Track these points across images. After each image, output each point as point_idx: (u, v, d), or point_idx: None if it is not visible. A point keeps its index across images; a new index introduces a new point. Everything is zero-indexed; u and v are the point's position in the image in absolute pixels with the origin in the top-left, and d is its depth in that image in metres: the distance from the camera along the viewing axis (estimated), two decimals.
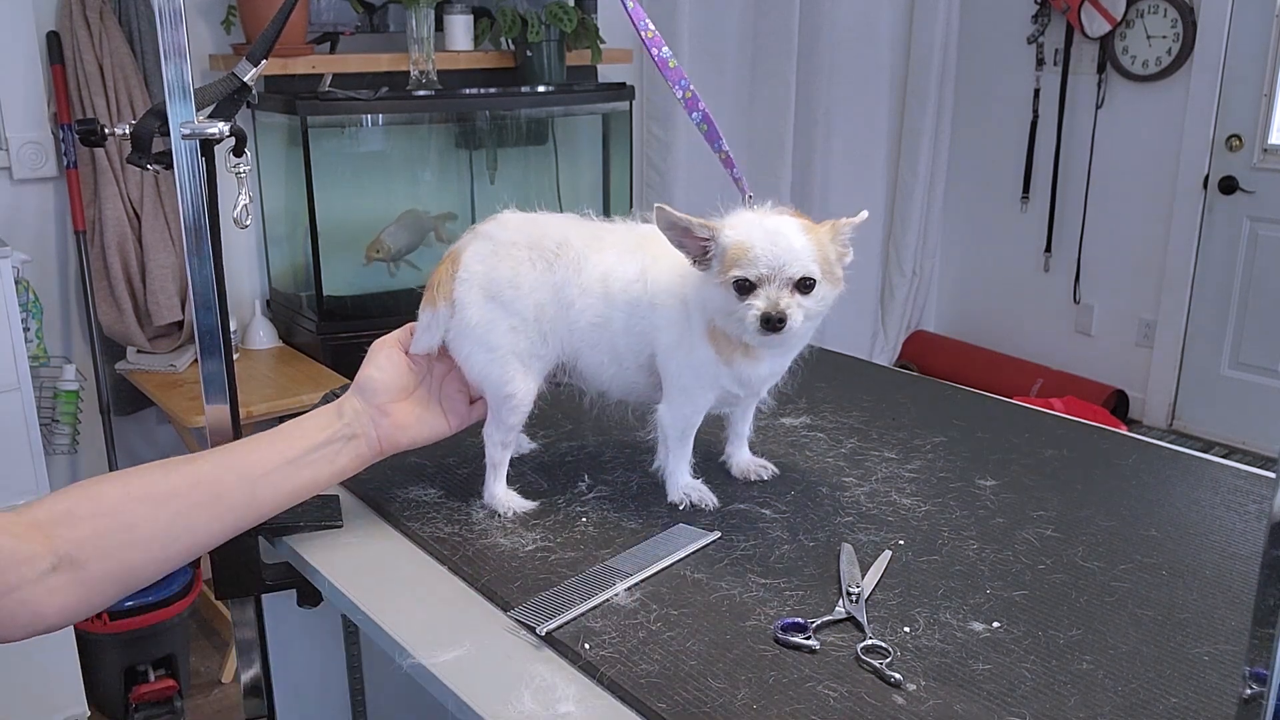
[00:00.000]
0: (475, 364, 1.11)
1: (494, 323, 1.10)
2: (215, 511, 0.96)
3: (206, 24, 2.79)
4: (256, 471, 0.99)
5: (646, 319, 1.11)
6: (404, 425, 1.09)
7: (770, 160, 4.05)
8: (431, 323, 1.11)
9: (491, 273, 1.10)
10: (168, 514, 0.93)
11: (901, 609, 0.95)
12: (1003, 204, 4.65)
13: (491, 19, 3.07)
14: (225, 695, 2.68)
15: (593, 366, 1.14)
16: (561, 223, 1.15)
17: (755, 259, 1.01)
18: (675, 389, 1.13)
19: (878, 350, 4.70)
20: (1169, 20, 3.98)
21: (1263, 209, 3.93)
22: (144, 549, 0.91)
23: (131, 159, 1.05)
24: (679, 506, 1.15)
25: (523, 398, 1.12)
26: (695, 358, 1.10)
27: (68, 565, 0.87)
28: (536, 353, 1.11)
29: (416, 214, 2.98)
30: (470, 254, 1.11)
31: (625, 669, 0.86)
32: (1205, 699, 0.83)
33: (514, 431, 1.14)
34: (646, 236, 1.13)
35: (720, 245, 1.03)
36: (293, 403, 2.47)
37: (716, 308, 1.05)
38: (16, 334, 2.21)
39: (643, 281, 1.11)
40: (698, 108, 1.15)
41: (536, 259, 1.11)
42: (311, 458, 1.02)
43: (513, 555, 1.06)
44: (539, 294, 1.10)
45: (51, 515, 0.88)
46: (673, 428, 1.15)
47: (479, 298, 1.10)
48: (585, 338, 1.12)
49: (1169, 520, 1.13)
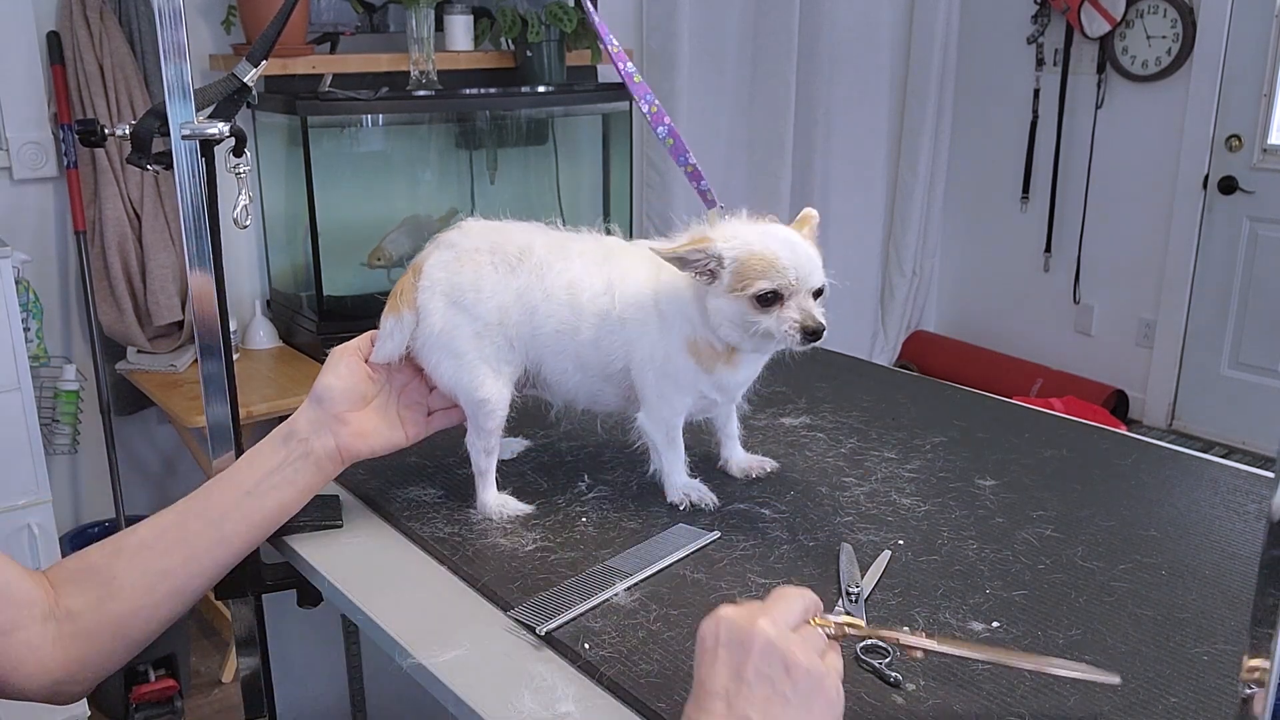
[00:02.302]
0: (445, 371, 1.10)
1: (457, 328, 1.09)
2: (186, 555, 0.98)
3: (206, 24, 2.79)
4: (217, 512, 1.01)
5: (616, 334, 1.11)
6: (362, 434, 1.08)
7: (770, 160, 4.05)
8: (394, 330, 1.10)
9: (454, 278, 1.09)
10: (140, 564, 0.96)
11: (901, 609, 0.95)
12: (1002, 204, 4.65)
13: (491, 19, 3.07)
14: (225, 695, 2.68)
15: (556, 374, 1.14)
16: (525, 230, 1.15)
17: (783, 270, 1.01)
18: (652, 396, 1.13)
19: (878, 350, 4.70)
20: (1169, 20, 3.98)
21: (1263, 209, 3.93)
22: (127, 599, 0.95)
23: (131, 159, 1.05)
24: (679, 507, 1.15)
25: (496, 402, 1.11)
26: (673, 367, 1.10)
27: (65, 616, 0.93)
28: (504, 358, 1.11)
29: (418, 219, 2.98)
30: (433, 262, 1.11)
31: (625, 669, 0.87)
32: (1204, 699, 0.83)
33: (494, 436, 1.13)
34: (613, 250, 1.13)
35: (729, 258, 1.02)
36: (293, 403, 2.46)
37: (726, 319, 1.04)
38: (16, 334, 2.21)
39: (610, 295, 1.10)
40: (663, 122, 1.15)
41: (499, 263, 1.10)
42: (271, 483, 1.02)
43: (513, 555, 1.06)
44: (501, 297, 1.09)
45: (53, 571, 0.96)
46: (656, 433, 1.15)
47: (442, 304, 1.09)
48: (549, 344, 1.12)
49: (1169, 520, 1.13)
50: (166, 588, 0.97)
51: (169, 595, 0.97)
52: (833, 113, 4.26)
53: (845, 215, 4.38)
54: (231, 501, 1.01)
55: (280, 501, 1.03)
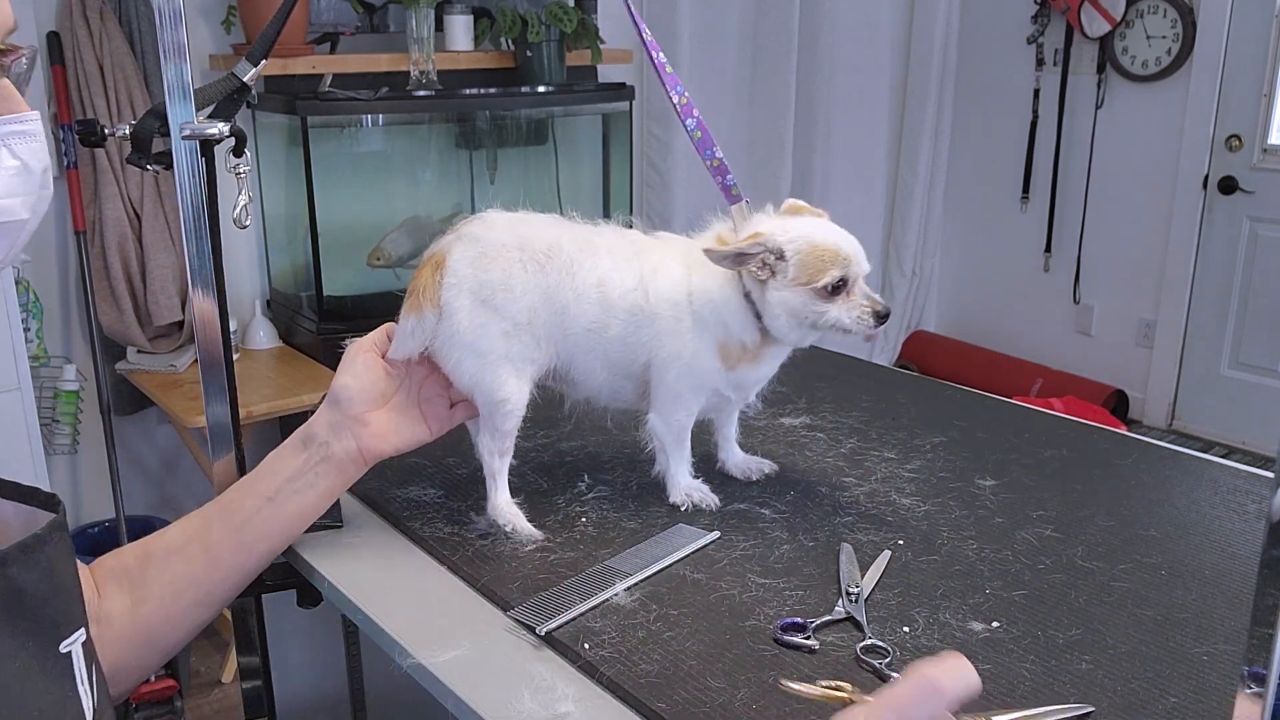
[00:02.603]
0: (465, 371, 1.06)
1: (485, 327, 1.05)
2: (209, 562, 0.97)
3: (206, 24, 2.79)
4: (237, 518, 0.99)
5: (646, 328, 1.09)
6: (383, 434, 1.04)
7: (770, 160, 4.05)
8: (416, 329, 1.06)
9: (482, 275, 1.06)
10: (168, 571, 0.95)
11: (901, 609, 0.95)
12: (1002, 204, 4.65)
13: (491, 19, 3.07)
14: (225, 695, 2.68)
15: (585, 372, 1.12)
16: (550, 224, 1.12)
17: (850, 259, 1.05)
18: (669, 396, 1.12)
19: (878, 350, 4.70)
20: (1169, 20, 3.98)
21: (1263, 209, 3.93)
22: (154, 605, 0.93)
23: (131, 159, 1.05)
24: (681, 508, 1.15)
25: (516, 403, 1.08)
26: (697, 367, 1.10)
27: (104, 618, 0.91)
28: (529, 357, 1.08)
29: (419, 220, 2.97)
30: (457, 257, 1.07)
31: (625, 669, 0.87)
32: (1204, 699, 0.83)
33: (509, 438, 1.10)
34: (641, 246, 1.12)
35: (791, 251, 1.04)
36: (293, 403, 2.47)
37: (788, 311, 1.05)
38: (17, 334, 2.21)
39: (642, 291, 1.09)
40: (692, 114, 1.15)
41: (528, 261, 1.07)
42: (292, 489, 1.00)
43: (513, 555, 1.06)
44: (531, 297, 1.07)
45: (95, 569, 0.94)
46: (668, 434, 1.14)
47: (469, 303, 1.05)
48: (580, 343, 1.10)
49: (1168, 520, 1.13)
50: (191, 596, 0.95)
51: (194, 604, 0.96)
52: (833, 113, 4.26)
53: (845, 215, 4.29)
54: (252, 508, 0.99)
55: (301, 507, 1.01)
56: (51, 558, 0.66)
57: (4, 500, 0.70)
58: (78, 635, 0.67)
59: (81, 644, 0.68)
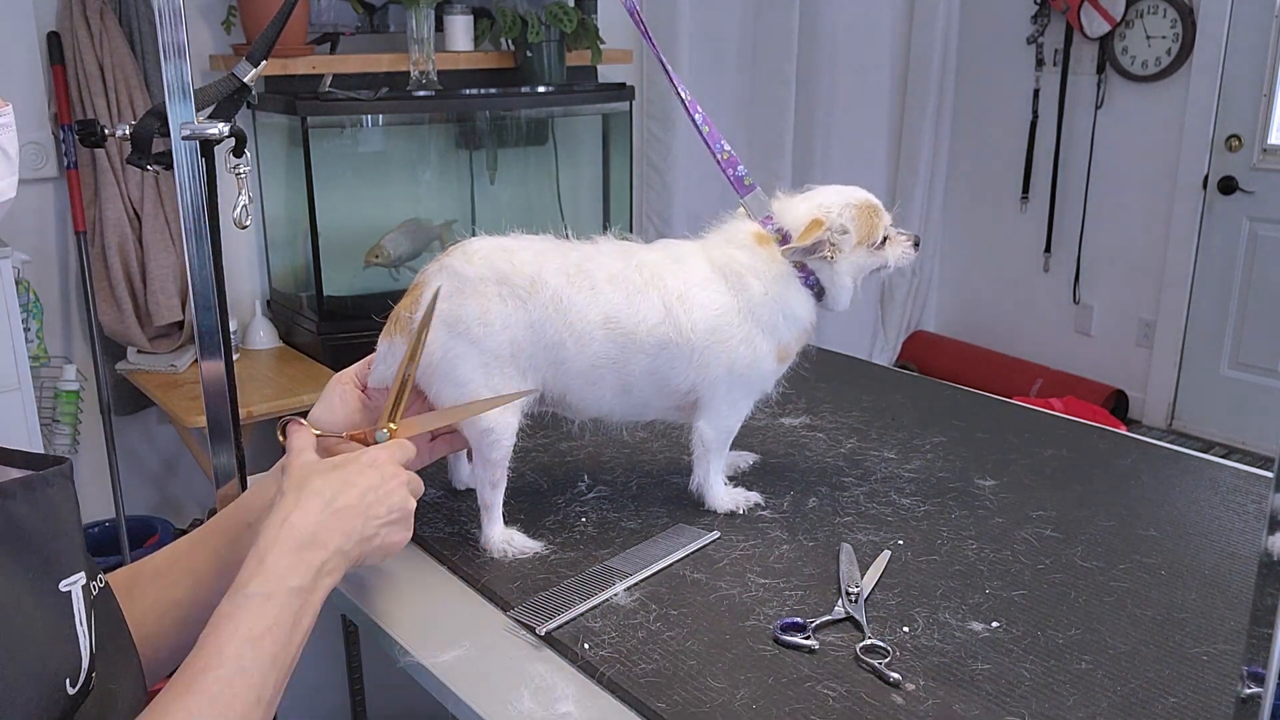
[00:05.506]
0: (446, 401, 1.06)
1: (460, 358, 1.05)
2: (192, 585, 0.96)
3: (206, 24, 2.79)
4: (221, 542, 0.98)
5: (685, 359, 1.08)
6: None
7: (770, 160, 4.05)
8: (388, 354, 1.06)
9: (456, 310, 1.04)
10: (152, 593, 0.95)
11: (901, 609, 0.95)
12: (1002, 204, 4.65)
13: (491, 19, 3.07)
14: None
15: (590, 400, 1.11)
16: (535, 252, 1.08)
17: (880, 206, 1.17)
18: (724, 405, 1.13)
19: (878, 350, 4.70)
20: (1169, 20, 3.98)
21: (1262, 209, 3.93)
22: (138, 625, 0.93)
23: (131, 159, 1.05)
24: (737, 513, 1.15)
25: (502, 431, 1.06)
26: (756, 374, 1.12)
27: None
28: (514, 388, 1.06)
29: (419, 222, 2.97)
30: (432, 289, 1.05)
31: (624, 669, 0.87)
32: (1204, 698, 0.83)
33: (499, 468, 1.08)
34: (653, 272, 1.09)
35: (849, 219, 1.12)
36: (293, 403, 2.47)
37: (854, 274, 1.14)
38: (17, 334, 2.21)
39: (671, 324, 1.07)
40: (698, 110, 1.16)
41: (507, 295, 1.05)
42: None
43: (513, 555, 1.06)
44: (513, 331, 1.05)
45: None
46: (717, 439, 1.14)
47: (443, 335, 1.04)
48: (582, 376, 1.08)
49: (1168, 520, 1.13)
50: (174, 618, 0.95)
51: (175, 625, 0.95)
52: (833, 113, 4.26)
53: None
54: (235, 533, 0.98)
55: None
56: (55, 500, 0.69)
57: (13, 469, 0.72)
58: (77, 578, 0.69)
59: (81, 587, 0.69)
